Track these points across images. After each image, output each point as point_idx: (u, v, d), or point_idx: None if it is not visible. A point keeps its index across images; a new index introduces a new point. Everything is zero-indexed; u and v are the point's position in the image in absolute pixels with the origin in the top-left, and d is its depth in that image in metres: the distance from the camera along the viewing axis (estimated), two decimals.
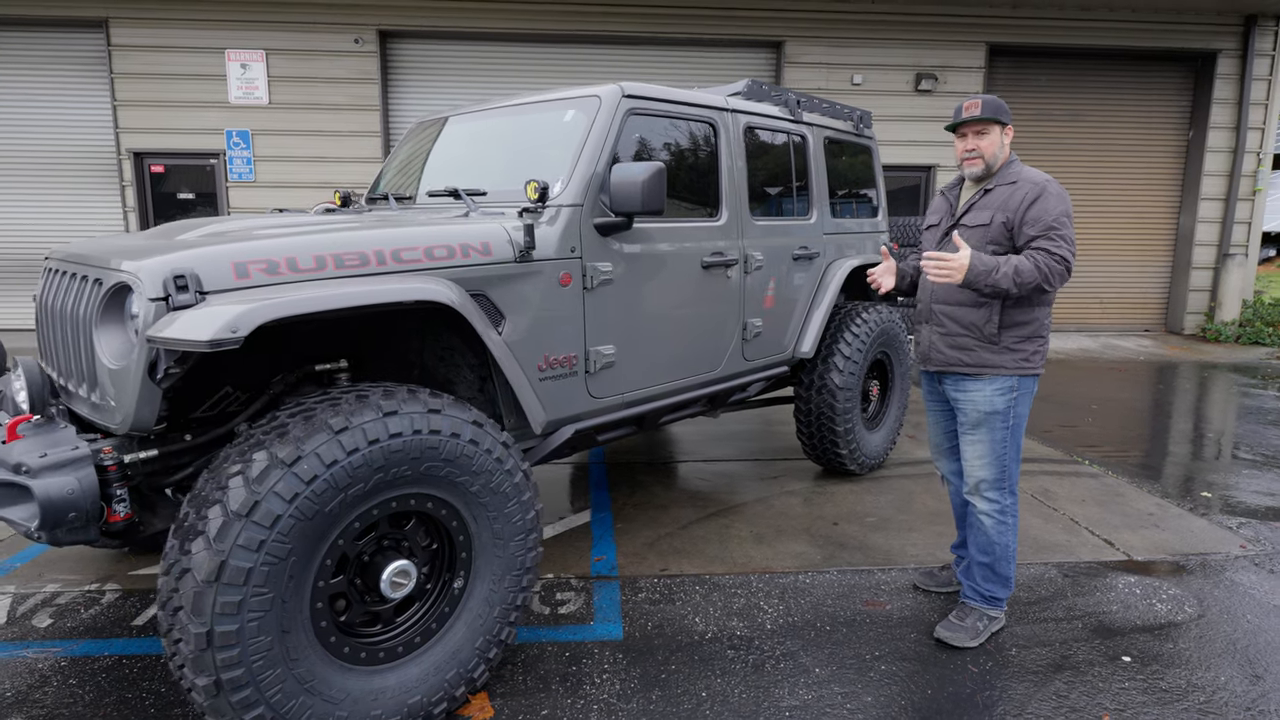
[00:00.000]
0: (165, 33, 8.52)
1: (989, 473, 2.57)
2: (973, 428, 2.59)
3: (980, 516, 2.61)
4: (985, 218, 2.48)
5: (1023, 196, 2.42)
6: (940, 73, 9.28)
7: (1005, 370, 2.52)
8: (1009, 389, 2.52)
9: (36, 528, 1.74)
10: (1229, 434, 5.47)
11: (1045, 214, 2.37)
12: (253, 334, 1.73)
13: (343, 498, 1.81)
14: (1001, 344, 2.50)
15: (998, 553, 2.59)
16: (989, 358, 2.52)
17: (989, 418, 2.54)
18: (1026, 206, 2.40)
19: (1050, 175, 2.51)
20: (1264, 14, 9.41)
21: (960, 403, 2.62)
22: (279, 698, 1.75)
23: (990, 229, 2.46)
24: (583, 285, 2.69)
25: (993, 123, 2.48)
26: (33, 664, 2.42)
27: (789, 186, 3.85)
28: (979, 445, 2.58)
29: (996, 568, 2.60)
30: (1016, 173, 2.51)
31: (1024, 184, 2.45)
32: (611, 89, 2.88)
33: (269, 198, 8.77)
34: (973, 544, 2.65)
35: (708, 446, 4.88)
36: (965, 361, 2.56)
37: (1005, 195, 2.47)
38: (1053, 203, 2.39)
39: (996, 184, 2.52)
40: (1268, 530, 3.59)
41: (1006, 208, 2.44)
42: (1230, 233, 9.89)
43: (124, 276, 1.90)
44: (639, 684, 2.33)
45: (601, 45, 9.14)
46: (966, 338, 2.55)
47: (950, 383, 2.64)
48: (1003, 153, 2.53)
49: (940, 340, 2.61)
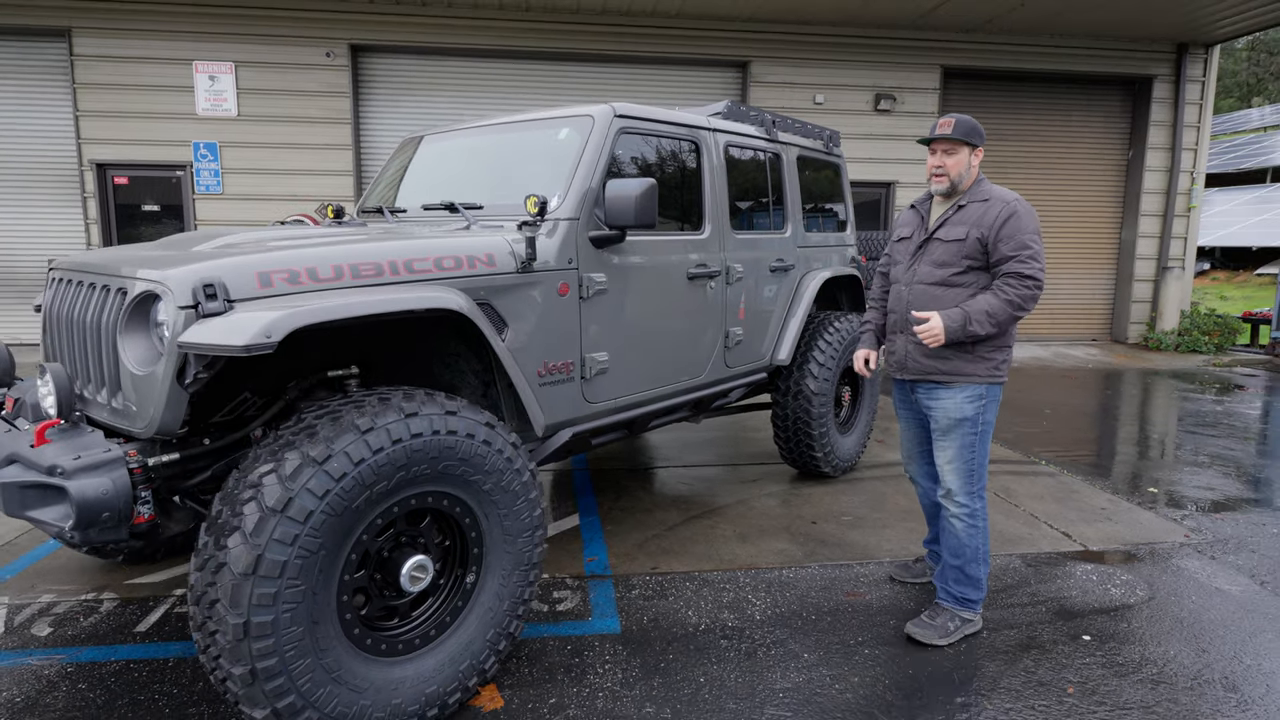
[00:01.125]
0: (130, 43, 8.42)
1: (959, 478, 2.70)
2: (943, 434, 2.72)
3: (952, 520, 2.73)
4: (960, 233, 2.62)
5: (996, 214, 2.57)
6: (898, 93, 9.67)
7: (978, 378, 2.65)
8: (978, 396, 2.66)
9: (71, 527, 1.80)
10: (1171, 435, 5.83)
11: (1018, 231, 2.53)
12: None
13: (368, 494, 1.91)
14: (975, 353, 2.64)
15: (968, 555, 2.71)
16: (964, 366, 2.65)
17: (959, 424, 2.68)
18: (1000, 224, 2.55)
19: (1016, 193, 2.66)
20: (1194, 43, 10.04)
21: (933, 410, 2.75)
22: (309, 686, 1.84)
23: (965, 244, 2.61)
24: (579, 295, 2.83)
25: (962, 143, 2.63)
26: (38, 671, 2.44)
27: (765, 202, 4.05)
28: (949, 450, 2.71)
29: (967, 570, 2.71)
30: (988, 191, 2.66)
31: (996, 202, 2.60)
32: (604, 109, 3.03)
33: (237, 210, 8.71)
34: (945, 547, 2.77)
35: (686, 453, 5.03)
36: (941, 369, 2.68)
37: (979, 212, 2.61)
38: (1025, 221, 2.54)
39: (969, 200, 2.65)
40: (1208, 521, 3.88)
41: (981, 224, 2.58)
42: (1168, 247, 10.46)
43: (152, 285, 1.97)
44: (640, 672, 2.46)
45: (572, 62, 9.31)
46: (947, 348, 2.66)
47: (923, 391, 2.77)
48: (970, 173, 2.68)
49: (916, 349, 2.73)
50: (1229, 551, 3.48)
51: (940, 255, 2.68)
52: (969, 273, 2.63)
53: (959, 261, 2.63)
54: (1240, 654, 2.60)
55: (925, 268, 2.72)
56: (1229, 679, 2.46)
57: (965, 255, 2.62)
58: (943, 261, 2.67)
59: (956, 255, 2.64)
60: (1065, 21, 9.25)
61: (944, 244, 2.67)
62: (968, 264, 2.62)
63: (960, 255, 2.63)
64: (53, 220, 8.77)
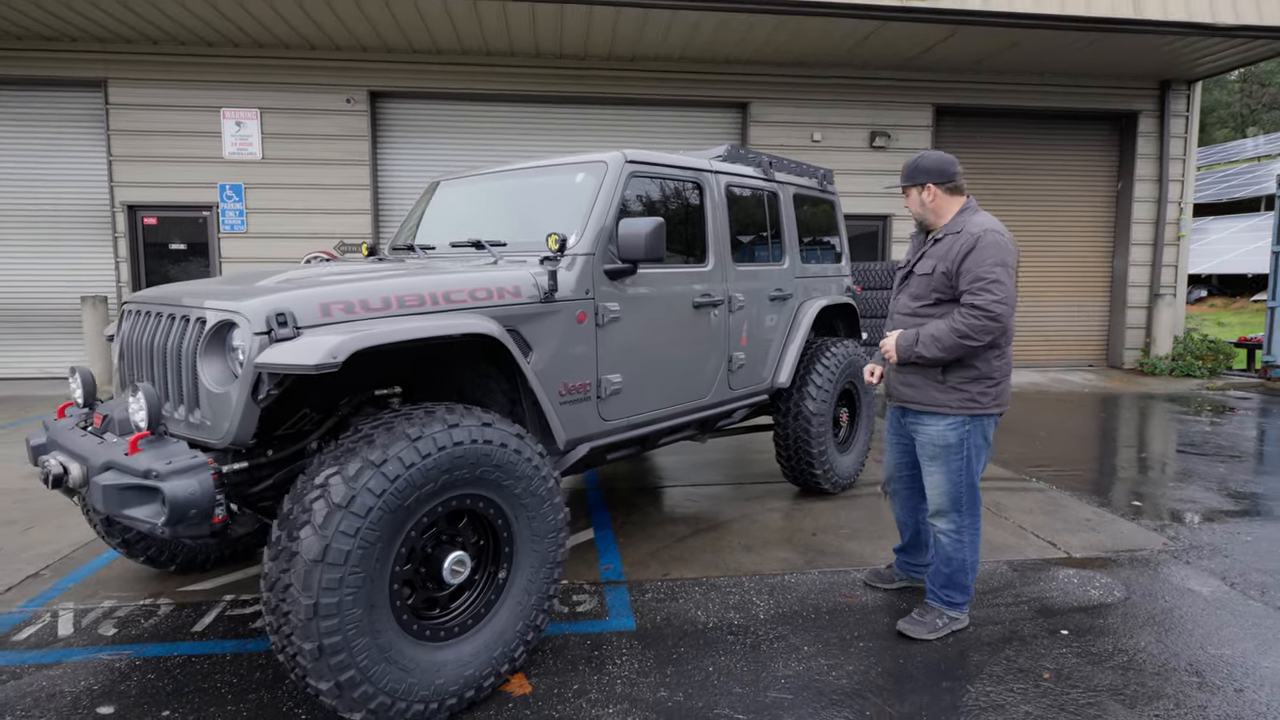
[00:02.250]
0: (162, 92, 8.91)
1: (945, 500, 2.86)
2: (930, 459, 2.89)
3: (939, 535, 2.93)
4: (929, 266, 2.79)
5: (961, 247, 2.69)
6: (892, 131, 10.09)
7: (950, 409, 2.77)
8: (960, 424, 2.79)
9: (164, 523, 2.08)
10: (1160, 454, 6.06)
11: (978, 264, 2.63)
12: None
13: (418, 494, 2.19)
14: (947, 384, 2.77)
15: (955, 565, 2.89)
16: (937, 396, 2.81)
17: (944, 451, 2.84)
18: (961, 257, 2.68)
19: (999, 223, 2.72)
20: (1177, 79, 10.46)
21: (918, 436, 2.93)
22: (366, 663, 2.10)
23: (933, 277, 2.77)
24: (595, 322, 3.13)
25: (908, 187, 2.88)
26: (110, 664, 2.70)
27: (765, 236, 4.37)
28: (936, 475, 2.88)
29: (955, 578, 2.90)
30: (963, 222, 2.75)
31: (965, 235, 2.70)
32: (616, 155, 3.37)
33: (259, 248, 9.11)
34: (935, 554, 2.98)
35: (692, 473, 5.29)
36: (917, 399, 2.87)
37: (948, 245, 2.74)
38: (987, 253, 2.62)
39: (945, 233, 2.78)
40: (1186, 531, 4.11)
41: (946, 257, 2.72)
42: (1160, 275, 10.77)
43: (229, 315, 2.28)
44: (654, 663, 2.70)
45: (580, 105, 9.77)
46: (916, 376, 2.86)
47: (911, 417, 2.96)
48: (928, 210, 2.83)
49: (896, 378, 2.96)
50: (1204, 557, 3.71)
51: (915, 288, 2.88)
52: (938, 305, 2.78)
53: (929, 294, 2.80)
54: (1205, 645, 2.83)
55: (904, 299, 2.95)
56: (1194, 665, 2.68)
57: (933, 288, 2.78)
58: (916, 294, 2.87)
59: (926, 288, 2.81)
60: (1052, 62, 9.69)
61: (918, 277, 2.86)
62: (936, 296, 2.77)
63: (929, 288, 2.79)
64: (84, 259, 9.18)
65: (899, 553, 3.33)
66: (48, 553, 3.75)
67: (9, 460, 5.52)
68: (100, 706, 2.43)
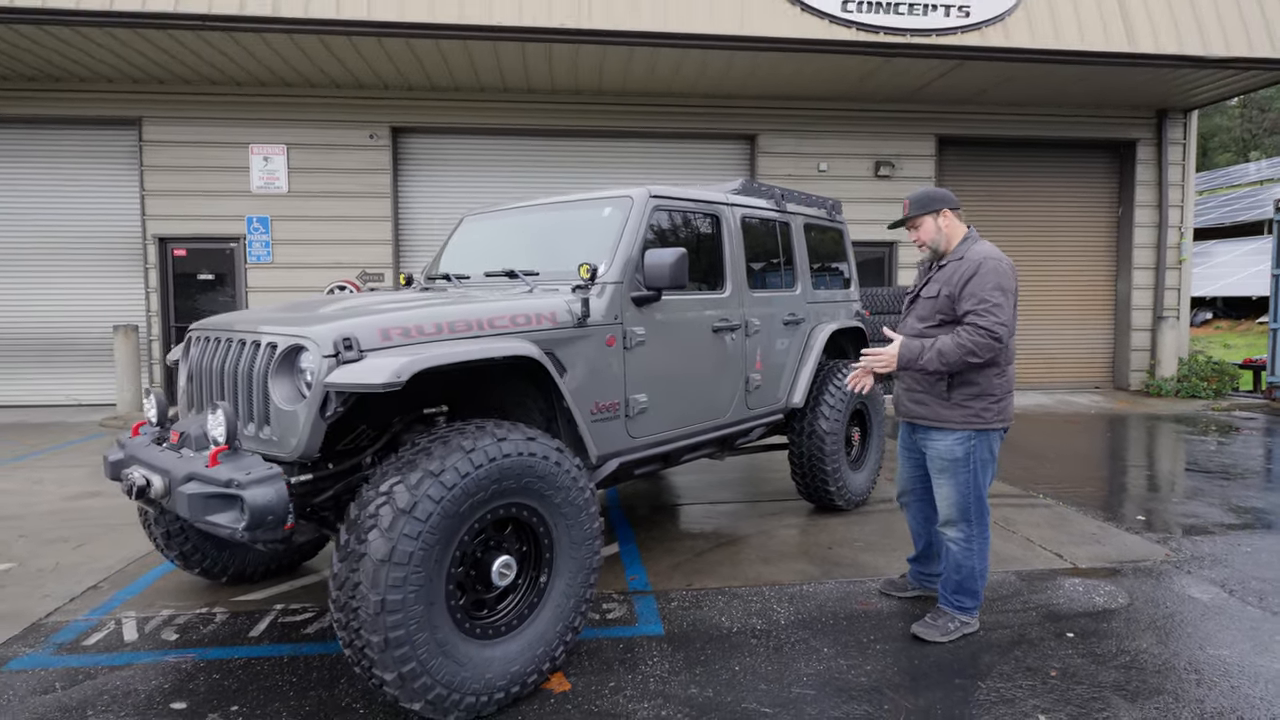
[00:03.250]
0: (194, 129, 9.31)
1: (955, 511, 3.04)
2: (939, 473, 3.08)
3: (949, 544, 3.11)
4: (934, 290, 2.99)
5: (963, 272, 2.88)
6: (896, 160, 10.39)
7: (954, 424, 2.94)
8: (967, 439, 2.96)
9: (244, 528, 2.29)
10: (1162, 472, 6.21)
11: (980, 288, 2.82)
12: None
13: (471, 501, 2.40)
14: (952, 400, 2.95)
15: (965, 573, 3.08)
16: (942, 412, 2.99)
17: (952, 464, 3.01)
18: (964, 282, 2.87)
19: (999, 251, 2.92)
20: (1173, 109, 10.75)
21: (928, 450, 3.12)
22: (425, 655, 2.29)
23: (938, 301, 2.96)
24: (623, 345, 3.35)
25: (920, 215, 3.09)
26: (176, 666, 2.90)
27: (777, 263, 4.61)
28: (945, 488, 3.07)
29: (965, 584, 3.08)
30: (965, 249, 2.96)
31: (968, 261, 2.90)
32: (641, 191, 3.62)
33: (284, 277, 9.42)
34: (946, 562, 3.16)
35: (709, 491, 5.48)
36: (924, 415, 3.07)
37: (952, 271, 2.94)
38: (988, 278, 2.82)
39: (950, 260, 2.99)
40: (1189, 543, 4.27)
41: (950, 282, 2.92)
42: (1162, 298, 10.96)
43: (300, 340, 2.52)
44: (684, 663, 2.88)
45: (595, 138, 10.12)
46: (922, 393, 3.05)
47: (921, 433, 3.16)
48: (944, 236, 3.06)
49: (904, 395, 3.16)
50: (1205, 567, 3.87)
51: (921, 311, 3.08)
52: (942, 326, 2.96)
53: (933, 316, 2.99)
54: (1204, 645, 3.00)
55: (910, 321, 3.15)
56: (1192, 664, 2.85)
57: (938, 310, 2.97)
58: (922, 316, 3.07)
59: (932, 311, 3.00)
60: (1050, 93, 10.00)
61: (924, 300, 3.07)
62: (940, 318, 2.97)
63: (934, 311, 2.99)
64: (116, 289, 9.52)
65: (912, 563, 3.51)
66: (103, 567, 3.96)
67: (50, 482, 5.75)
68: (173, 703, 2.63)
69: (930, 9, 8.22)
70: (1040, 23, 8.41)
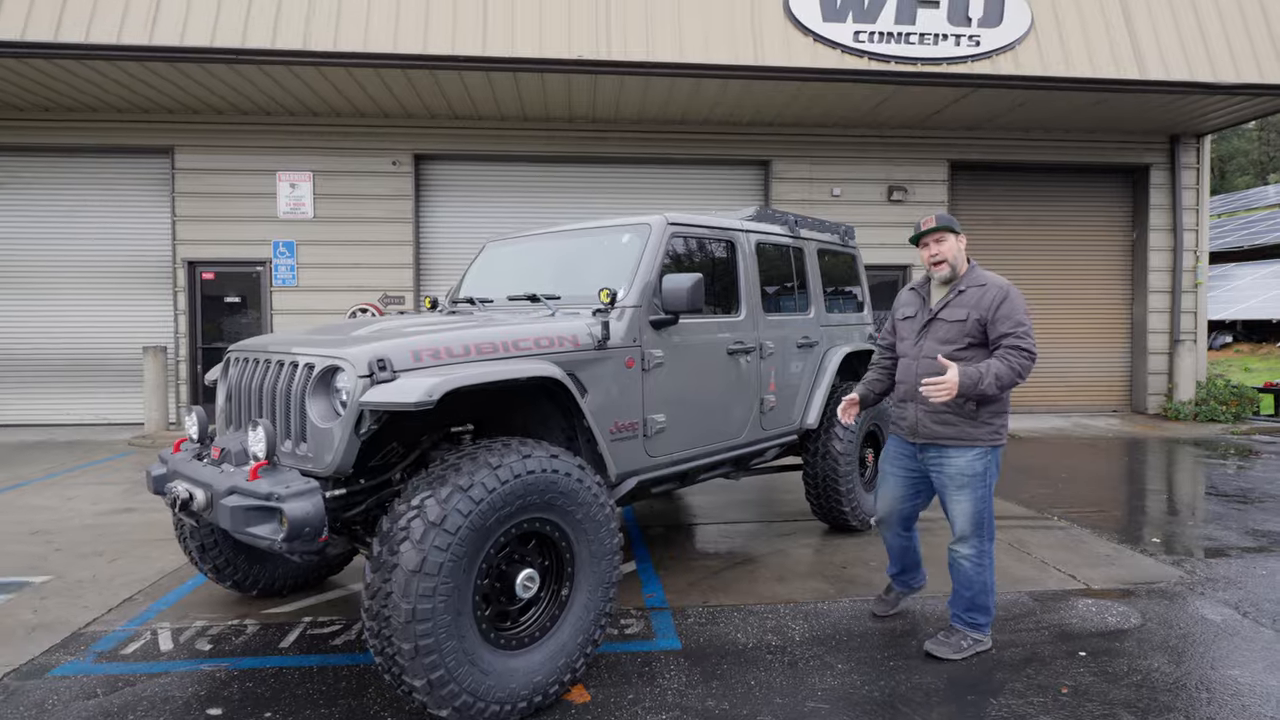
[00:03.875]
0: (224, 157, 9.62)
1: (972, 526, 3.13)
2: (959, 489, 3.14)
3: (961, 561, 3.17)
4: (961, 314, 3.08)
5: (993, 298, 3.04)
6: (909, 185, 10.51)
7: (981, 441, 3.07)
8: (984, 454, 3.09)
9: (283, 539, 2.41)
10: (1179, 495, 6.21)
11: (1014, 312, 3.01)
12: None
13: (497, 516, 2.51)
14: (979, 419, 3.07)
15: (977, 589, 3.14)
16: (969, 430, 3.09)
17: (971, 480, 3.10)
18: (997, 306, 3.02)
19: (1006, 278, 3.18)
20: (1185, 133, 10.82)
21: (945, 469, 3.19)
22: (453, 663, 2.39)
23: (966, 324, 3.07)
24: (642, 367, 3.47)
25: (947, 230, 3.19)
26: (211, 674, 3.01)
27: (791, 288, 4.72)
28: (964, 504, 3.14)
29: (977, 600, 3.15)
30: (983, 277, 3.13)
31: (992, 287, 3.08)
32: (659, 218, 3.76)
33: (309, 300, 9.65)
34: (957, 582, 3.21)
35: (724, 511, 5.55)
36: (951, 435, 3.15)
37: (977, 296, 3.08)
38: (1017, 303, 3.04)
39: (968, 285, 3.12)
40: (1203, 565, 4.28)
41: (980, 307, 3.05)
42: (1179, 321, 10.94)
43: (336, 361, 2.66)
44: (701, 677, 2.96)
45: (611, 165, 10.35)
46: (949, 414, 3.13)
47: (935, 452, 3.23)
48: (961, 257, 3.20)
49: (927, 417, 3.21)
50: (1218, 589, 3.89)
51: (944, 333, 3.16)
52: (969, 348, 3.08)
53: (961, 339, 3.09)
54: (1216, 665, 3.03)
55: (931, 343, 3.21)
56: (1204, 683, 2.88)
57: (967, 334, 3.08)
58: (947, 339, 3.15)
59: (959, 334, 3.10)
60: (1062, 118, 10.11)
61: (947, 324, 3.14)
62: (969, 340, 3.08)
63: (963, 334, 3.09)
64: (145, 311, 9.79)
65: (895, 576, 3.56)
66: (137, 579, 4.09)
67: (83, 499, 5.93)
68: (209, 708, 2.73)
69: (941, 38, 8.39)
70: (1051, 51, 8.55)
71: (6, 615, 3.60)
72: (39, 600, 3.79)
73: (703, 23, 8.16)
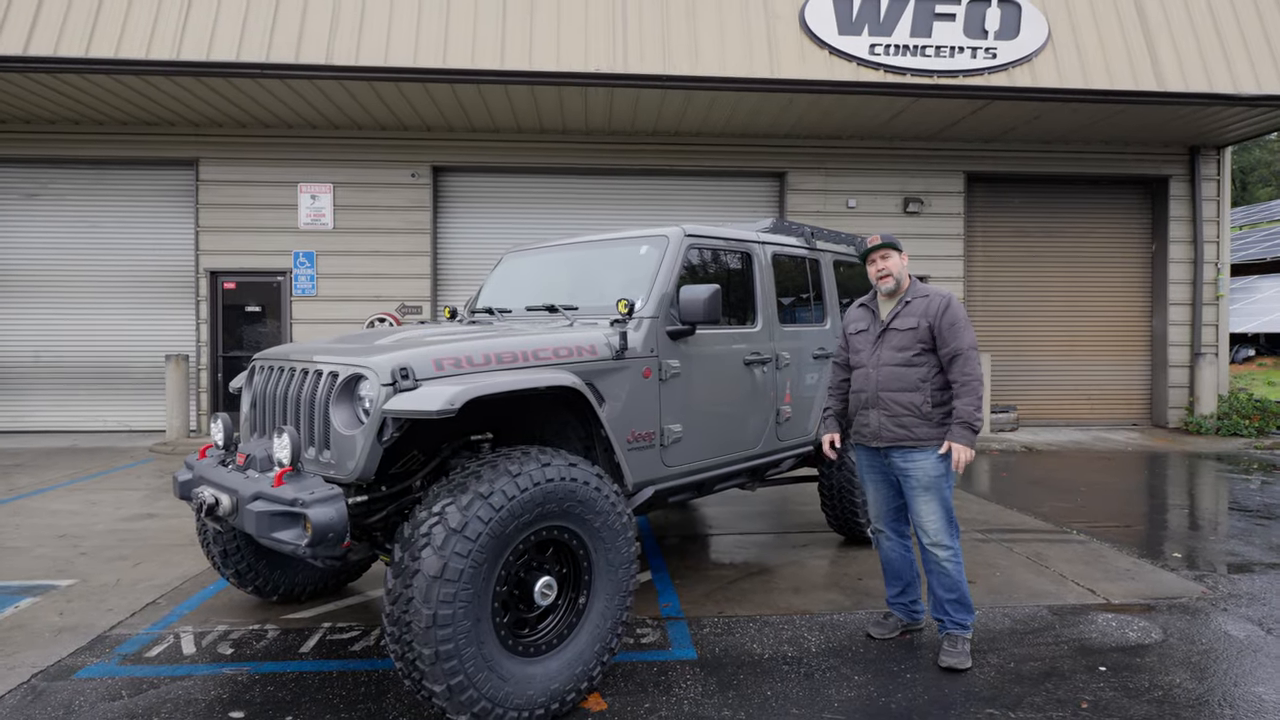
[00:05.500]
0: (247, 169, 9.78)
1: (942, 523, 3.20)
2: (924, 490, 3.22)
3: (942, 563, 3.22)
4: (912, 322, 3.28)
5: (938, 306, 3.25)
6: (925, 197, 10.50)
7: (937, 442, 3.19)
8: (942, 456, 3.18)
9: (307, 544, 2.45)
10: (1200, 510, 6.12)
11: (956, 319, 3.21)
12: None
13: (516, 523, 2.54)
14: (934, 420, 3.22)
15: (959, 588, 3.21)
16: (927, 431, 3.21)
17: (936, 480, 3.20)
18: (942, 313, 3.23)
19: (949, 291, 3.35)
20: (1205, 145, 10.74)
21: (910, 471, 3.26)
22: (472, 669, 2.41)
23: (918, 331, 3.26)
24: (659, 377, 3.49)
25: (890, 248, 3.35)
26: (233, 677, 3.05)
27: (807, 299, 4.74)
28: (931, 504, 3.21)
29: (963, 600, 3.21)
30: (925, 289, 3.36)
31: (935, 297, 3.30)
32: (676, 230, 3.79)
33: (328, 309, 9.78)
34: (938, 586, 3.23)
35: (739, 523, 5.54)
36: (910, 435, 3.24)
37: (924, 305, 3.29)
38: (959, 311, 3.24)
39: (913, 297, 3.33)
40: (1226, 581, 4.23)
41: (927, 314, 3.26)
42: (1200, 334, 10.82)
43: (359, 369, 2.70)
44: (717, 686, 2.96)
45: (628, 176, 10.42)
46: (907, 416, 3.24)
47: (898, 455, 3.28)
48: (904, 272, 3.38)
49: (888, 420, 3.30)
50: (1241, 605, 3.84)
51: (898, 341, 3.30)
52: (923, 354, 3.26)
53: (914, 345, 3.26)
54: (1239, 681, 2.99)
55: (887, 352, 3.33)
56: (1227, 699, 2.85)
57: (919, 340, 3.27)
58: (901, 346, 3.30)
59: (913, 340, 3.27)
60: (1080, 130, 10.06)
61: (900, 332, 3.30)
62: (921, 346, 3.26)
63: (915, 340, 3.27)
64: (168, 320, 9.95)
65: (894, 601, 3.51)
66: (160, 584, 4.15)
67: (106, 504, 6.02)
68: (231, 711, 2.77)
69: (957, 51, 8.40)
70: (1068, 63, 8.53)
71: (34, 618, 3.67)
72: (65, 603, 3.86)
73: (719, 36, 8.23)
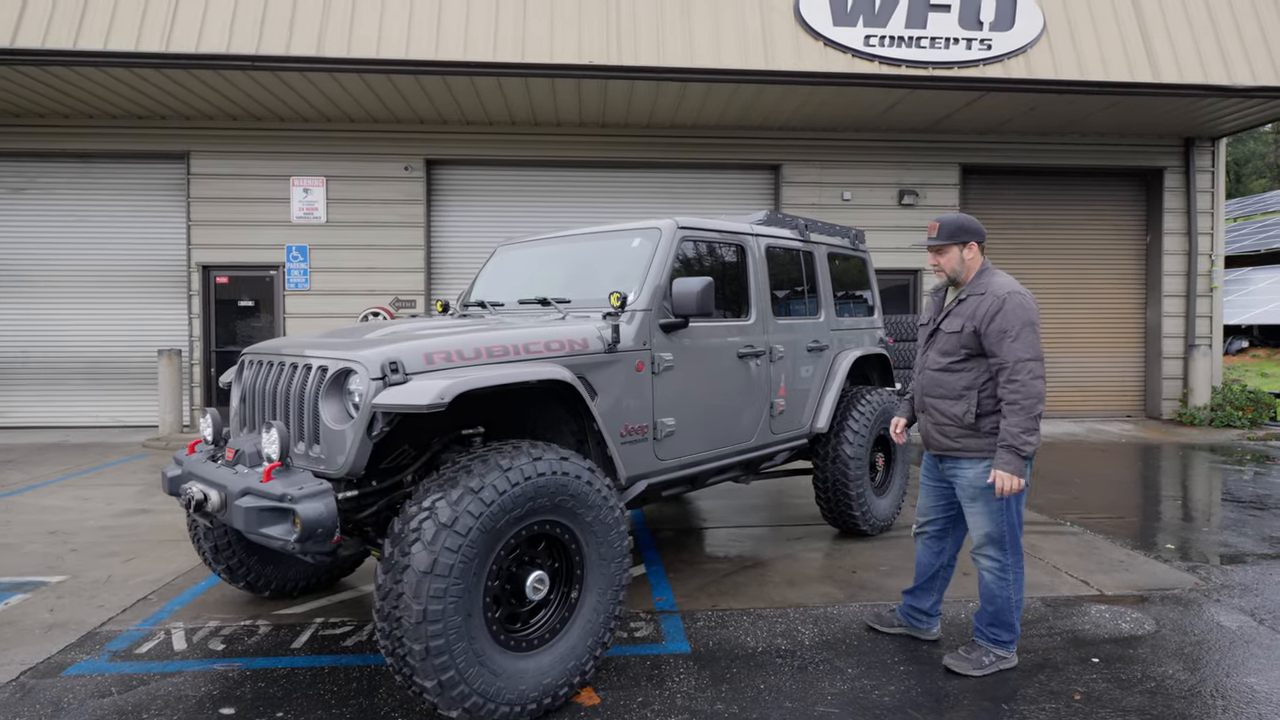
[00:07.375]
0: (239, 162, 9.71)
1: (988, 537, 3.00)
2: (971, 500, 3.04)
3: (982, 571, 3.09)
4: (958, 325, 2.99)
5: (987, 309, 2.91)
6: (920, 189, 10.48)
7: (985, 454, 2.94)
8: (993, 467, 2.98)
9: (296, 539, 2.43)
10: (1193, 501, 6.14)
11: (1007, 327, 2.84)
12: None
13: (507, 518, 2.52)
14: (980, 431, 2.96)
15: (1000, 604, 3.00)
16: (971, 443, 2.98)
17: (983, 492, 2.97)
18: (990, 319, 2.90)
19: (1018, 283, 2.92)
20: (1200, 136, 10.73)
21: (957, 480, 3.07)
22: (463, 664, 2.40)
23: (962, 335, 2.97)
24: (651, 370, 3.47)
25: (949, 245, 3.03)
26: (224, 673, 3.03)
27: (801, 291, 4.72)
28: (978, 515, 3.03)
29: (1001, 616, 3.01)
30: (985, 284, 2.97)
31: (989, 296, 2.92)
32: (669, 222, 3.77)
33: (321, 304, 9.73)
34: (980, 593, 3.11)
35: (734, 516, 5.54)
36: (953, 446, 3.03)
37: (974, 305, 2.96)
38: (1011, 316, 2.85)
39: (969, 293, 3.00)
40: (1219, 572, 4.24)
41: (974, 317, 2.94)
42: (1194, 326, 10.84)
43: (349, 363, 2.68)
44: (710, 680, 2.95)
45: (622, 169, 10.37)
46: (950, 427, 3.03)
47: (949, 464, 3.10)
48: (965, 267, 3.07)
49: (933, 429, 3.15)
50: (1234, 596, 3.84)
51: (943, 345, 3.10)
52: (968, 360, 2.99)
53: (958, 350, 3.00)
54: (1231, 672, 3.00)
55: (933, 355, 3.15)
56: (1219, 690, 2.85)
57: (963, 345, 2.99)
58: (946, 350, 3.09)
59: (956, 345, 3.01)
60: (1074, 122, 10.05)
61: (946, 335, 3.06)
62: (965, 352, 2.99)
63: (959, 345, 3.00)
64: (160, 315, 9.90)
65: (907, 594, 3.41)
66: (151, 580, 4.13)
67: (98, 500, 5.99)
68: (222, 708, 2.76)
69: (952, 42, 8.37)
70: (1063, 54, 8.51)
71: (23, 614, 3.64)
72: (55, 599, 3.84)
73: (713, 27, 8.19)
